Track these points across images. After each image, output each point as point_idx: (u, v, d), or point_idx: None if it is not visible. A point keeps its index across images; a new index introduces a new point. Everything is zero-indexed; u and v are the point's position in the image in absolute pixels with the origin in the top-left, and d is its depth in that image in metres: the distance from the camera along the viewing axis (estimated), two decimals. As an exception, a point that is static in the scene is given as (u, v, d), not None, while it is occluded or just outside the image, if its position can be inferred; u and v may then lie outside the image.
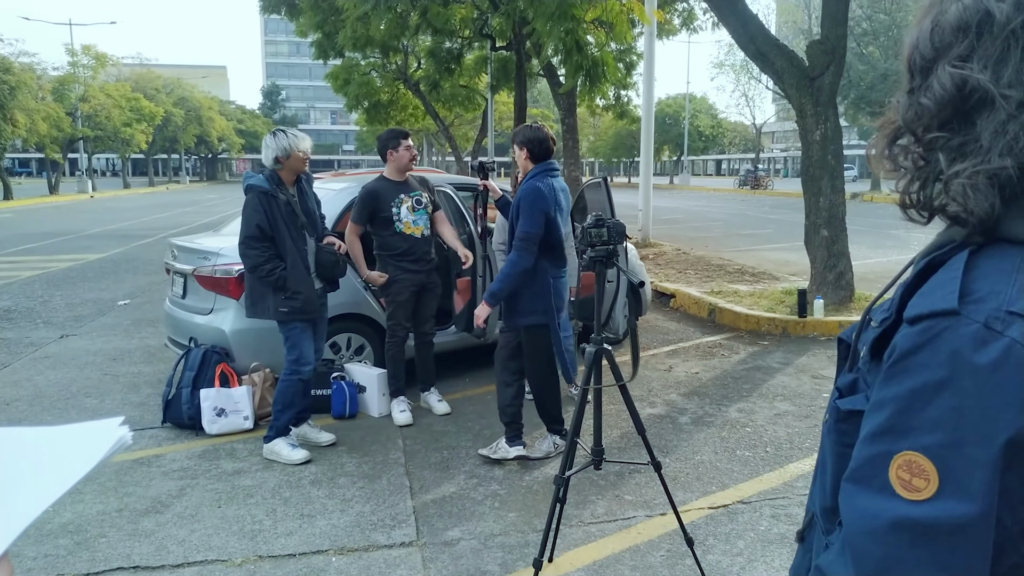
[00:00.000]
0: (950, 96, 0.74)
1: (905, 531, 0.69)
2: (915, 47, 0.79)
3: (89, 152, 45.08)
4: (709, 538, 3.33)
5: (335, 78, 21.43)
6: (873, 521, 0.72)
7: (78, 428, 0.73)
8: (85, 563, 3.12)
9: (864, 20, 30.56)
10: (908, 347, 0.72)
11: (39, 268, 11.81)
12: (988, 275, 0.72)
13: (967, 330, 0.69)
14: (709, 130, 56.77)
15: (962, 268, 0.73)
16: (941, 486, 0.68)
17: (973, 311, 0.69)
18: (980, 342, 0.68)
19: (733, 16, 7.56)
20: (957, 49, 0.74)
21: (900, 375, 0.72)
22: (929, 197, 0.79)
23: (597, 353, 2.86)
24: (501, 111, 29.87)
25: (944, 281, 0.74)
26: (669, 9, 15.68)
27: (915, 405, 0.70)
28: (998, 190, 0.72)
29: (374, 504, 3.67)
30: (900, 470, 0.70)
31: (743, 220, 21.62)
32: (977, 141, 0.73)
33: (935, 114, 0.76)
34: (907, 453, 0.70)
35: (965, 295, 0.71)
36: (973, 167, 0.73)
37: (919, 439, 0.70)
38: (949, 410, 0.68)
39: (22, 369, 6.05)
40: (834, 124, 7.39)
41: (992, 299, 0.70)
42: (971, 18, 0.74)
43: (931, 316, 0.71)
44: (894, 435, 0.72)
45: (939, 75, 0.75)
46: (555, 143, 4.13)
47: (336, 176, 6.41)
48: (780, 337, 7.00)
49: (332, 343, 5.12)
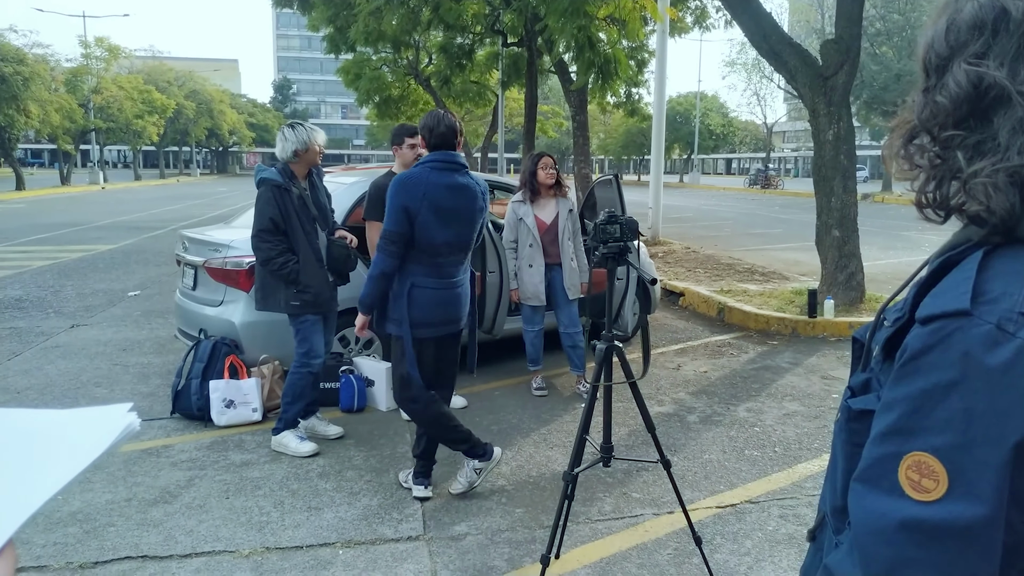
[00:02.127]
0: (966, 94, 0.74)
1: (914, 532, 0.69)
2: (930, 46, 0.79)
3: (101, 144, 45.27)
4: (717, 537, 3.31)
5: (346, 73, 21.46)
6: (882, 521, 0.72)
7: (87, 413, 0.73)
8: (94, 552, 3.13)
9: (878, 20, 30.36)
10: (919, 347, 0.72)
11: (50, 258, 11.87)
12: (1002, 276, 0.72)
13: (979, 331, 0.69)
14: (720, 129, 56.56)
15: (976, 268, 0.73)
16: (950, 487, 0.68)
17: (985, 312, 0.69)
18: (992, 343, 0.68)
19: (746, 14, 7.52)
20: (973, 47, 0.74)
21: (911, 375, 0.72)
22: (946, 196, 0.78)
23: (608, 350, 2.84)
24: (512, 107, 29.83)
25: (957, 281, 0.74)
26: (682, 7, 15.61)
27: (926, 406, 0.70)
28: (1018, 189, 0.71)
29: (381, 498, 3.68)
30: (910, 471, 0.70)
31: (753, 219, 21.54)
32: (995, 139, 0.73)
33: (951, 112, 0.76)
34: (917, 454, 0.70)
35: (978, 295, 0.70)
36: (992, 165, 0.72)
37: (929, 440, 0.70)
38: (959, 411, 0.68)
39: (33, 358, 6.09)
40: (847, 124, 7.34)
41: (1005, 300, 0.69)
42: (987, 16, 0.74)
43: (943, 316, 0.71)
44: (904, 435, 0.72)
45: (955, 73, 0.75)
46: (458, 135, 3.52)
47: (346, 170, 6.42)
48: (789, 337, 6.97)
49: (341, 337, 5.13)
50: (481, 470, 3.68)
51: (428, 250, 3.41)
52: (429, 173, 3.41)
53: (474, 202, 3.53)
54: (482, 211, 3.61)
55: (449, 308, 3.55)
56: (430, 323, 3.49)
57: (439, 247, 3.42)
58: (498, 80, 20.52)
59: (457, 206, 3.45)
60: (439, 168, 3.43)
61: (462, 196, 3.47)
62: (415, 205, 3.34)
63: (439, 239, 3.41)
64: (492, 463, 3.71)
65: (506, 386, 5.50)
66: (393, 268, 3.42)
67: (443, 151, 3.48)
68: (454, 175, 3.46)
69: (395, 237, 3.36)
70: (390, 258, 3.39)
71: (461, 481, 3.69)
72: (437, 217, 3.38)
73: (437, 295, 3.48)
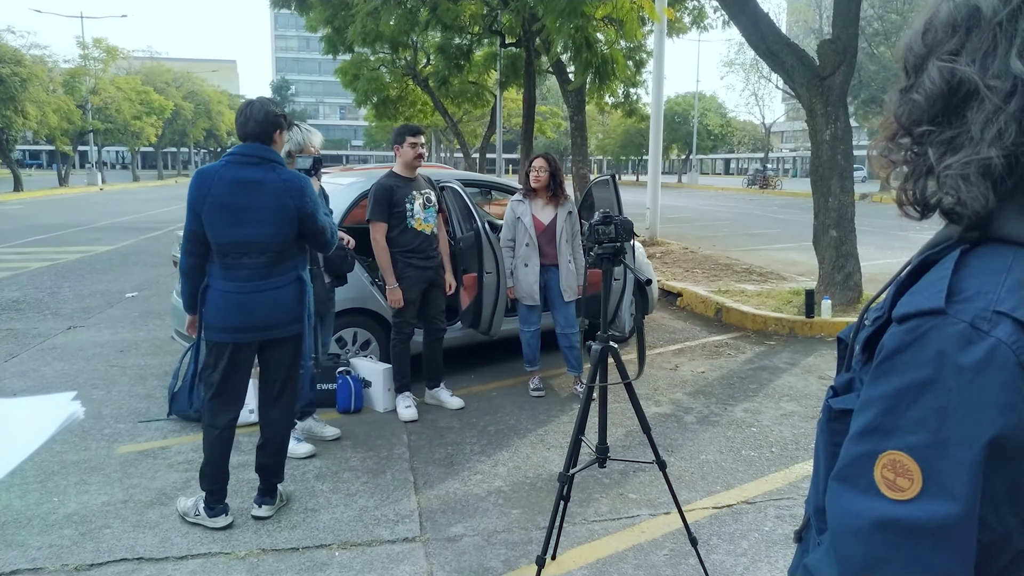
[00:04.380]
0: (939, 90, 0.75)
1: (888, 531, 0.70)
2: (909, 47, 0.81)
3: (99, 145, 45.27)
4: (713, 538, 3.31)
5: (344, 73, 21.49)
6: (857, 520, 0.72)
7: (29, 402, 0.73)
8: (90, 554, 3.13)
9: (875, 20, 30.41)
10: (895, 346, 0.73)
11: (48, 259, 11.86)
12: (978, 274, 0.72)
13: (953, 329, 0.69)
14: (718, 129, 56.65)
15: (952, 267, 0.74)
16: (924, 486, 0.68)
17: (960, 310, 0.70)
18: (965, 342, 0.68)
19: (744, 14, 7.52)
20: (948, 45, 0.76)
21: (887, 374, 0.73)
22: (923, 192, 0.79)
23: (603, 351, 2.84)
24: (510, 108, 29.85)
25: (933, 280, 0.74)
26: (679, 7, 15.62)
27: (900, 405, 0.71)
28: (991, 184, 0.72)
29: (378, 499, 3.67)
30: (885, 470, 0.71)
31: (751, 220, 21.54)
32: (968, 133, 0.73)
33: (926, 109, 0.77)
34: (892, 453, 0.71)
35: (953, 294, 0.71)
36: (965, 158, 0.73)
37: (904, 439, 0.70)
38: (933, 410, 0.69)
39: (30, 360, 6.08)
40: (844, 124, 7.35)
41: (980, 299, 0.70)
42: (960, 15, 0.75)
43: (918, 315, 0.72)
44: (879, 434, 0.72)
45: (929, 71, 0.77)
46: (278, 127, 3.29)
47: (344, 171, 6.41)
48: (787, 337, 6.97)
49: (338, 337, 5.12)
50: (190, 519, 3.39)
51: (217, 250, 3.21)
52: (222, 168, 3.21)
53: (272, 199, 3.19)
54: (290, 209, 3.23)
55: (245, 314, 3.24)
56: (223, 327, 3.25)
57: (226, 247, 3.19)
58: (496, 80, 20.56)
59: (247, 204, 3.16)
60: (236, 162, 3.21)
61: (254, 193, 3.17)
62: (199, 202, 3.18)
63: (226, 238, 3.18)
64: (204, 521, 3.36)
65: (503, 387, 5.50)
66: (190, 267, 3.27)
67: (249, 143, 3.24)
68: (251, 169, 3.19)
69: (187, 235, 3.23)
70: (185, 256, 3.27)
71: (185, 504, 3.45)
72: (223, 215, 3.15)
73: (228, 298, 3.22)
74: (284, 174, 3.26)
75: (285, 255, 3.29)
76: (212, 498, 3.38)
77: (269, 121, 3.24)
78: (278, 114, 3.30)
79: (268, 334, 3.33)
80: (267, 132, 3.25)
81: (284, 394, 3.50)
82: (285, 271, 3.31)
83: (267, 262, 3.24)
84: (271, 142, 3.28)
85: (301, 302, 3.39)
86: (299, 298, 3.37)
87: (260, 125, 3.22)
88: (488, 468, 4.05)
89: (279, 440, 3.52)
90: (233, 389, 3.40)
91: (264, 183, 3.19)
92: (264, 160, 3.22)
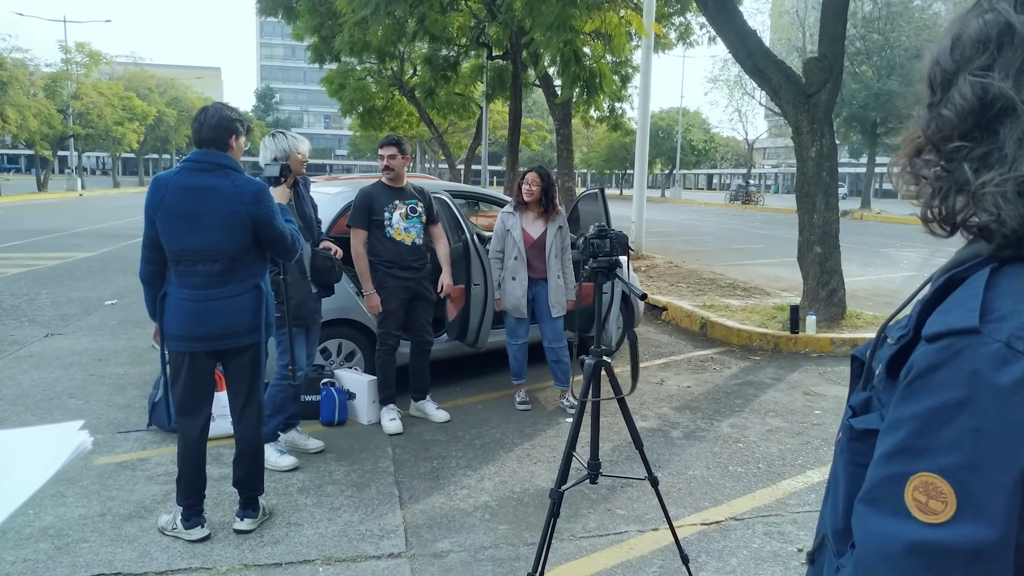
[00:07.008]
0: (971, 106, 0.74)
1: (921, 555, 0.68)
2: (936, 62, 0.80)
3: (79, 150, 44.83)
4: (702, 555, 3.29)
5: (330, 82, 21.46)
6: (888, 544, 0.70)
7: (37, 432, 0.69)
8: (66, 568, 3.04)
9: (858, 39, 30.88)
10: (927, 365, 0.71)
11: (25, 265, 11.68)
12: (1010, 293, 0.71)
13: (988, 349, 0.67)
14: (702, 144, 57.10)
15: (983, 285, 0.72)
16: (959, 509, 0.66)
17: (994, 330, 0.68)
18: (1001, 362, 0.67)
19: (731, 31, 7.59)
20: (978, 61, 0.75)
21: (918, 394, 0.71)
22: (952, 210, 0.78)
23: (596, 365, 2.82)
24: (496, 120, 29.92)
25: (965, 299, 0.73)
26: (666, 23, 15.77)
27: (933, 425, 0.69)
28: None
29: (362, 513, 3.61)
30: (916, 492, 0.69)
31: (734, 235, 21.70)
32: (1001, 150, 0.72)
33: (956, 125, 0.76)
34: (924, 474, 0.69)
35: (986, 313, 0.70)
36: (1001, 176, 0.72)
37: (937, 460, 0.68)
38: (968, 431, 0.67)
39: (5, 368, 5.95)
40: (829, 141, 7.42)
41: (1014, 318, 0.68)
42: (992, 31, 0.74)
43: (951, 334, 0.70)
44: (910, 455, 0.70)
45: (960, 86, 0.75)
46: (234, 133, 3.23)
47: (330, 180, 6.37)
48: (772, 353, 6.99)
49: (323, 348, 5.06)
50: (168, 532, 3.35)
51: (171, 257, 3.18)
52: (175, 175, 3.17)
53: (223, 205, 3.13)
54: (243, 216, 3.16)
55: (201, 323, 3.20)
56: (180, 336, 3.22)
57: (179, 254, 3.16)
58: (482, 92, 20.61)
59: (199, 211, 3.12)
60: (189, 168, 3.16)
61: (206, 199, 3.12)
62: (154, 209, 3.15)
63: (178, 246, 3.15)
64: (181, 534, 3.32)
65: (489, 400, 5.45)
66: (149, 274, 3.25)
67: (202, 150, 3.20)
68: (204, 176, 3.15)
69: (145, 242, 3.21)
70: (144, 264, 3.25)
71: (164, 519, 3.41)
72: (176, 222, 3.13)
73: (184, 306, 3.19)
74: (238, 180, 3.19)
75: (240, 263, 3.23)
76: (188, 510, 3.33)
77: (223, 127, 3.19)
78: (234, 119, 3.24)
79: (226, 343, 3.26)
80: (221, 138, 3.20)
81: (249, 404, 3.43)
82: (242, 279, 3.25)
83: (221, 270, 3.19)
84: (227, 148, 3.23)
85: (258, 311, 3.31)
86: (256, 307, 3.30)
87: (214, 131, 3.18)
88: (474, 483, 4.01)
89: (253, 452, 3.47)
90: (197, 399, 3.35)
91: (216, 189, 3.14)
92: (217, 166, 3.17)
